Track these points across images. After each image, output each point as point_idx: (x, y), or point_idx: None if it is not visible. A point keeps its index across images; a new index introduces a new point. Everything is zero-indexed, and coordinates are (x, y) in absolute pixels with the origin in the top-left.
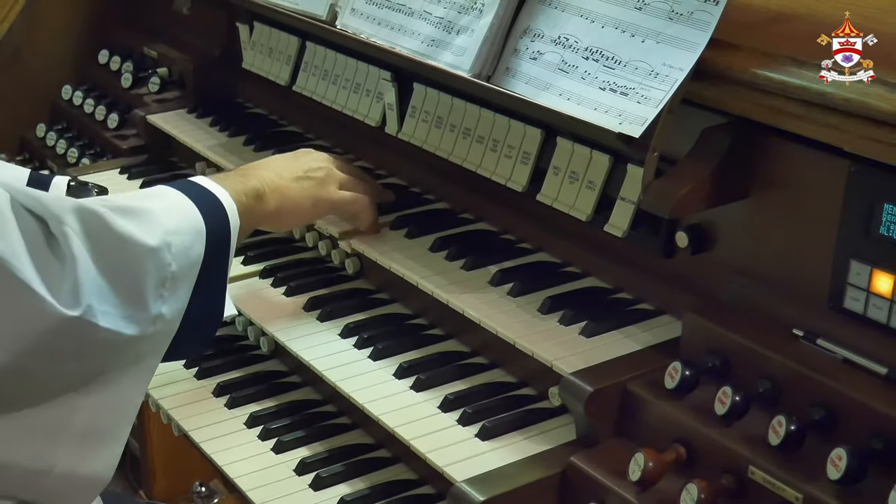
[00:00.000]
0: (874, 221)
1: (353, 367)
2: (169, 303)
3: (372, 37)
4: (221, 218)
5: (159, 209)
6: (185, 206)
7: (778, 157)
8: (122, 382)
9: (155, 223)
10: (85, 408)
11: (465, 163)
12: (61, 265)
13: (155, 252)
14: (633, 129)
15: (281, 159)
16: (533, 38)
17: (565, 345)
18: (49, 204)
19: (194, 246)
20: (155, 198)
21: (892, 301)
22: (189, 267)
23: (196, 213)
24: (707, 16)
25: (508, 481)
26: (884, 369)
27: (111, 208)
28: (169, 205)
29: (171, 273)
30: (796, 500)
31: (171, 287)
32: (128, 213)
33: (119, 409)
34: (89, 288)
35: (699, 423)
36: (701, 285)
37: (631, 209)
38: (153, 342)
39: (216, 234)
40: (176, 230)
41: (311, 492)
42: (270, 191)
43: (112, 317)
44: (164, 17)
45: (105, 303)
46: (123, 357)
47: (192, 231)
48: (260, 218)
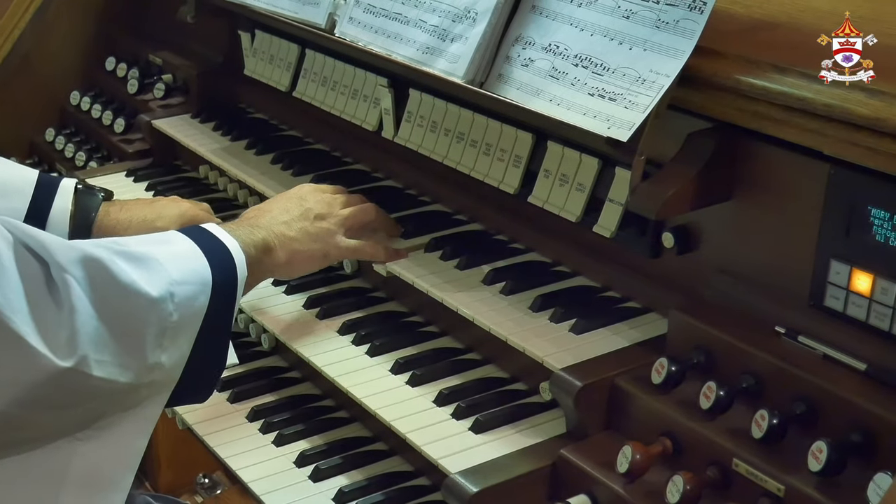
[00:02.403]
0: (854, 222)
1: (351, 362)
2: (168, 352)
3: (369, 44)
4: (229, 269)
5: (167, 257)
6: (193, 255)
7: (760, 160)
8: (121, 429)
9: (160, 272)
10: (83, 454)
11: (459, 166)
12: (58, 313)
13: (157, 303)
14: (621, 134)
15: (288, 205)
16: (524, 45)
17: (556, 341)
18: (53, 249)
19: (199, 297)
20: (165, 244)
21: (870, 299)
22: (192, 317)
23: (204, 264)
24: (692, 24)
25: (501, 473)
26: (863, 365)
27: (118, 253)
28: (177, 253)
29: (173, 323)
30: (778, 491)
31: (172, 336)
32: (134, 260)
33: (119, 456)
34: (86, 338)
35: (685, 417)
36: (686, 284)
37: (619, 211)
38: (151, 390)
39: (223, 285)
40: (181, 280)
41: (310, 483)
42: (280, 244)
43: (108, 365)
44: (169, 25)
45: (102, 351)
46: (118, 403)
47: (199, 282)
48: (269, 270)
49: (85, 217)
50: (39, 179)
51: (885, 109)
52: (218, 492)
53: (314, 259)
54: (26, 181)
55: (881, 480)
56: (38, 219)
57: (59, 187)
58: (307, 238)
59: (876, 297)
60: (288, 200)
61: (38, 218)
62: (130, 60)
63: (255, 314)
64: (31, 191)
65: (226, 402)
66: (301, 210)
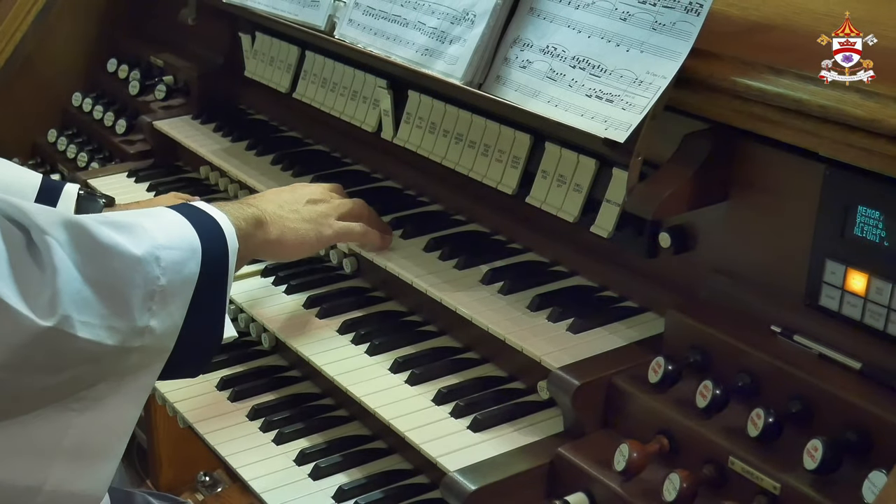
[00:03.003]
0: (848, 223)
1: (351, 361)
2: (159, 317)
3: (368, 46)
4: (219, 239)
5: (152, 225)
6: (179, 224)
7: (756, 161)
8: (114, 399)
9: (144, 236)
10: (77, 425)
11: (458, 166)
12: (41, 275)
13: (141, 262)
14: (618, 135)
15: (280, 191)
16: (522, 47)
17: (553, 341)
18: (34, 214)
19: (188, 263)
20: (150, 216)
21: (865, 299)
22: (182, 283)
23: (191, 232)
24: (689, 26)
25: (499, 471)
26: (858, 364)
27: (101, 221)
28: (163, 222)
29: (161, 287)
30: (774, 489)
31: (161, 301)
32: (117, 226)
33: (112, 426)
34: (69, 298)
35: (681, 415)
36: (683, 284)
37: (616, 211)
38: (142, 356)
39: (213, 253)
40: (167, 245)
41: (310, 481)
42: (272, 220)
43: (93, 327)
44: (170, 27)
45: (87, 313)
46: (108, 369)
47: (187, 248)
48: (260, 245)
49: None
50: (43, 184)
51: (880, 111)
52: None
53: (306, 239)
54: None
55: (876, 478)
56: None
57: (62, 193)
58: (299, 218)
59: (871, 297)
60: (280, 190)
61: None
62: (132, 62)
63: (255, 313)
64: (33, 196)
65: (226, 400)
66: (294, 196)
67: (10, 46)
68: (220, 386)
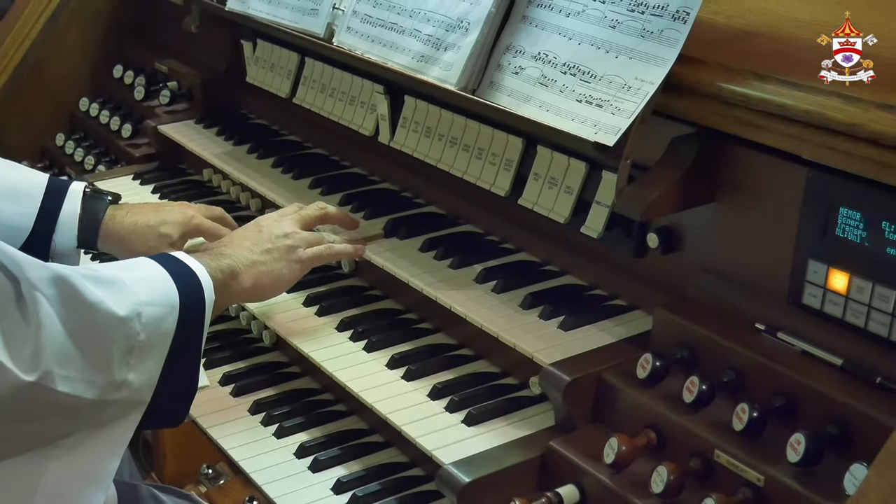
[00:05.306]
0: (830, 224)
1: (349, 358)
2: (136, 371)
3: (366, 53)
4: (197, 293)
5: (134, 280)
6: (160, 278)
7: (741, 164)
8: (90, 449)
9: (127, 293)
10: (52, 471)
11: (452, 169)
12: (26, 329)
13: (124, 321)
14: (608, 139)
15: (247, 234)
16: (515, 54)
17: (545, 338)
18: (26, 267)
19: (167, 318)
20: (133, 269)
21: (846, 297)
22: (160, 338)
23: (171, 287)
24: (676, 34)
25: (492, 464)
26: (839, 360)
27: (87, 277)
28: (145, 277)
29: (140, 342)
30: (758, 481)
31: (140, 356)
32: (102, 282)
33: (87, 473)
34: (52, 353)
35: (669, 410)
36: (670, 283)
37: (605, 212)
38: (119, 409)
39: (190, 307)
40: (149, 301)
41: (309, 473)
42: (245, 269)
43: (73, 381)
44: (175, 34)
45: (68, 367)
46: (85, 420)
47: (166, 304)
48: (235, 294)
49: (92, 220)
50: (49, 184)
51: (861, 115)
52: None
53: (281, 279)
54: (36, 186)
55: (857, 471)
56: (47, 222)
57: (69, 191)
58: (270, 259)
59: (852, 296)
60: (246, 230)
61: (47, 221)
62: (137, 68)
63: (256, 311)
64: (40, 195)
65: (228, 395)
66: (262, 236)
67: (20, 53)
68: (222, 381)
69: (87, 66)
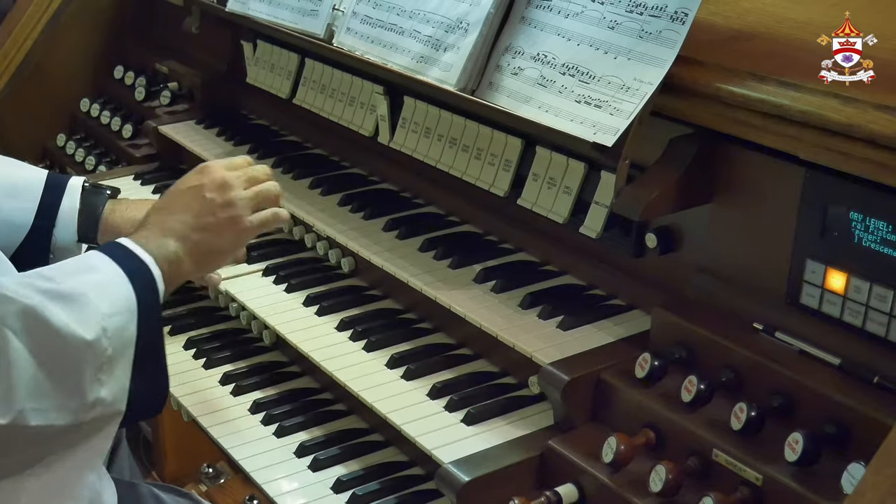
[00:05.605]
0: (828, 224)
1: (349, 357)
2: (108, 386)
3: (366, 54)
4: (152, 290)
5: (94, 290)
6: (119, 282)
7: (739, 164)
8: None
9: (91, 310)
10: (29, 489)
11: (452, 170)
12: None
13: (92, 344)
14: (606, 139)
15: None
16: (514, 55)
17: (544, 337)
18: None
19: (129, 326)
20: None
21: (844, 297)
22: (124, 346)
23: (129, 289)
24: (674, 34)
25: (491, 463)
26: (837, 360)
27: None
28: (103, 282)
29: (108, 357)
30: (757, 480)
31: (109, 370)
32: (66, 300)
33: (66, 489)
34: (24, 390)
35: (667, 409)
36: (668, 283)
37: (604, 212)
38: (93, 426)
39: (147, 306)
40: (111, 312)
41: (309, 472)
42: (188, 251)
43: (45, 412)
44: (175, 35)
45: (40, 400)
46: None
47: (126, 310)
48: (180, 278)
49: (91, 214)
50: (48, 180)
51: (858, 116)
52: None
53: (223, 253)
54: (35, 182)
55: (855, 470)
56: (47, 217)
57: (67, 186)
58: (213, 235)
59: (849, 295)
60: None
61: (47, 217)
62: (138, 69)
63: (256, 311)
64: (39, 191)
65: (229, 395)
66: (202, 204)
67: (21, 54)
68: (222, 381)
69: (88, 67)
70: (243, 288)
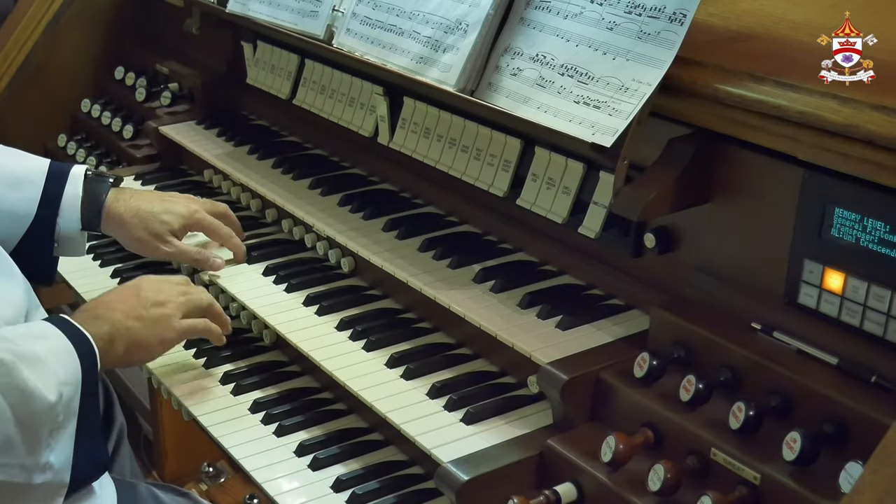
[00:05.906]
0: (826, 224)
1: (348, 357)
2: (55, 451)
3: (365, 54)
4: (92, 364)
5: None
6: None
7: (737, 164)
8: None
9: (50, 373)
10: None
11: (451, 170)
12: None
13: (53, 406)
14: (605, 140)
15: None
16: (513, 55)
17: (543, 337)
18: None
19: (75, 397)
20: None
21: (842, 297)
22: (70, 415)
23: (76, 361)
24: (673, 35)
25: (491, 462)
26: (834, 359)
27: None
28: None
29: (58, 423)
30: (755, 479)
31: (57, 436)
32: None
33: None
34: None
35: (665, 408)
36: (667, 282)
37: (603, 213)
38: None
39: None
40: (65, 381)
41: (309, 472)
42: (119, 335)
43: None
44: (175, 36)
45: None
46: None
47: (74, 381)
48: (111, 362)
49: (94, 202)
50: (50, 169)
51: (856, 116)
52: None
53: (150, 348)
54: (38, 171)
55: (852, 469)
56: (50, 206)
57: (70, 175)
58: (142, 326)
59: (847, 295)
60: (126, 292)
61: (50, 205)
62: (138, 70)
63: (256, 311)
64: (42, 181)
65: (229, 394)
66: (139, 301)
67: (22, 55)
68: (222, 380)
69: (89, 68)
70: (243, 288)
